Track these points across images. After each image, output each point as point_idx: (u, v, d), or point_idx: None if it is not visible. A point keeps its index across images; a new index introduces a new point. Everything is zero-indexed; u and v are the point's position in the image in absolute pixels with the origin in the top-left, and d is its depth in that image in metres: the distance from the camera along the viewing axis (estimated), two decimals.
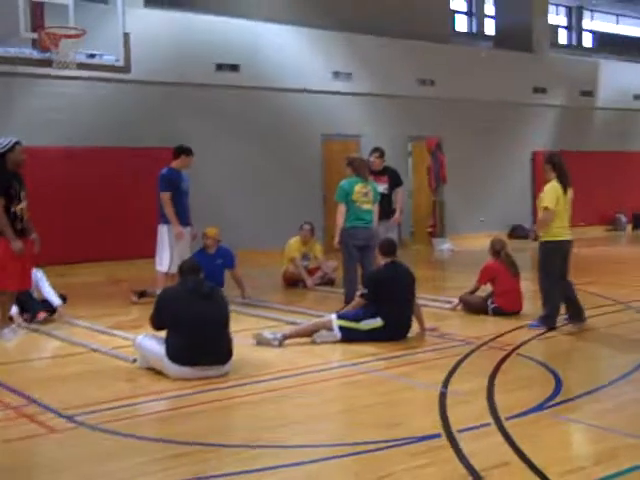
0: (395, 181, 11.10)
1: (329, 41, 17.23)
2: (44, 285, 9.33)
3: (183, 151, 9.99)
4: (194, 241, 10.30)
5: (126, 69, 14.16)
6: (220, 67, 15.71)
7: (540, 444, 4.79)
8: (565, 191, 8.21)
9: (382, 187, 10.66)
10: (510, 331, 8.16)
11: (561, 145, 20.78)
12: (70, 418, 5.40)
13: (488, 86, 19.63)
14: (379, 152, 11.07)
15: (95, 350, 7.54)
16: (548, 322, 8.23)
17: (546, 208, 8.13)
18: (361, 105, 17.83)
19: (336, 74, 17.38)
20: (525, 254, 10.98)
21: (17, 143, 8.25)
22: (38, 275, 9.30)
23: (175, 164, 9.97)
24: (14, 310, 8.82)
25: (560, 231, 8.24)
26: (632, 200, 22.49)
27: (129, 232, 13.86)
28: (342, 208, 9.29)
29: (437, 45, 19.10)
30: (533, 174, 20.71)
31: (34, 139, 13.23)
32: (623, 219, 22.29)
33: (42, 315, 9.02)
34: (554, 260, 8.29)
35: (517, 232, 19.47)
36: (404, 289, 7.85)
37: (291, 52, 16.59)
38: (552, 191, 8.18)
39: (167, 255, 9.74)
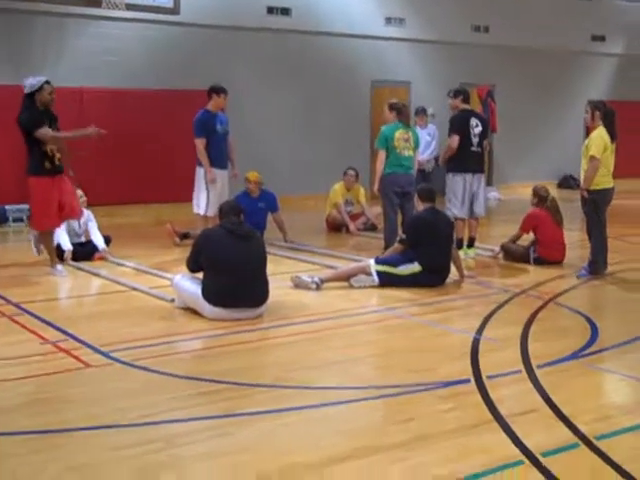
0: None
1: None
2: (92, 226, 9.47)
3: (214, 91, 9.85)
4: (235, 180, 10.25)
5: (175, 11, 14.16)
6: (271, 10, 15.52)
7: (570, 393, 4.76)
8: (612, 140, 8.04)
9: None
10: (550, 280, 8.09)
11: (618, 95, 20.21)
12: (106, 354, 5.51)
13: (544, 33, 19.11)
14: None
15: (135, 289, 7.65)
16: (594, 269, 8.12)
17: (593, 157, 7.93)
18: (413, 51, 17.53)
19: (388, 19, 17.09)
20: (574, 204, 10.73)
21: (46, 82, 8.28)
22: (88, 216, 9.45)
23: (209, 105, 9.88)
24: (68, 248, 9.00)
25: (605, 179, 8.08)
26: None
27: (176, 174, 13.90)
28: (382, 154, 9.22)
29: None
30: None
31: (83, 80, 13.35)
32: None
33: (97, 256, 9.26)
34: (601, 208, 8.15)
35: (567, 182, 19.14)
36: (443, 235, 7.80)
37: None
38: (599, 139, 7.99)
39: (204, 198, 9.70)
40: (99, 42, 13.66)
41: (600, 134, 8.01)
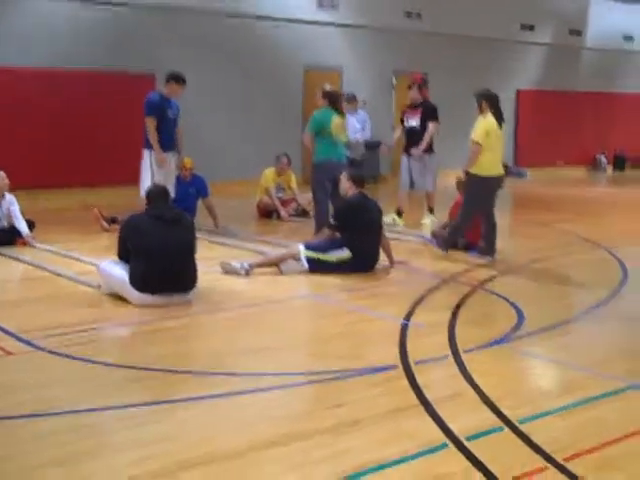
0: (426, 116, 10.94)
1: None
2: (15, 211, 9.21)
3: (172, 78, 9.77)
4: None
5: None
6: None
7: (495, 377, 4.83)
8: (500, 126, 8.27)
9: (414, 121, 10.83)
10: (478, 267, 8.18)
11: (547, 84, 20.62)
12: (28, 342, 5.37)
13: (475, 21, 19.30)
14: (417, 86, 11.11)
15: (60, 275, 7.48)
16: (442, 245, 8.69)
17: (477, 142, 8.23)
18: (345, 36, 17.52)
19: (321, 4, 17.04)
20: (503, 191, 10.83)
21: None
22: (10, 200, 9.21)
23: (165, 89, 9.82)
24: None
25: (490, 166, 8.33)
26: (616, 141, 22.37)
27: (105, 158, 13.67)
28: (308, 137, 9.29)
29: None
30: (517, 113, 20.54)
31: (13, 58, 13.02)
32: (603, 160, 22.18)
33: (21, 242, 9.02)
34: (481, 193, 8.40)
35: None
36: (372, 221, 7.81)
37: None
38: (482, 126, 8.36)
39: (148, 181, 9.59)
40: (31, 20, 13.31)
41: (486, 121, 8.34)
